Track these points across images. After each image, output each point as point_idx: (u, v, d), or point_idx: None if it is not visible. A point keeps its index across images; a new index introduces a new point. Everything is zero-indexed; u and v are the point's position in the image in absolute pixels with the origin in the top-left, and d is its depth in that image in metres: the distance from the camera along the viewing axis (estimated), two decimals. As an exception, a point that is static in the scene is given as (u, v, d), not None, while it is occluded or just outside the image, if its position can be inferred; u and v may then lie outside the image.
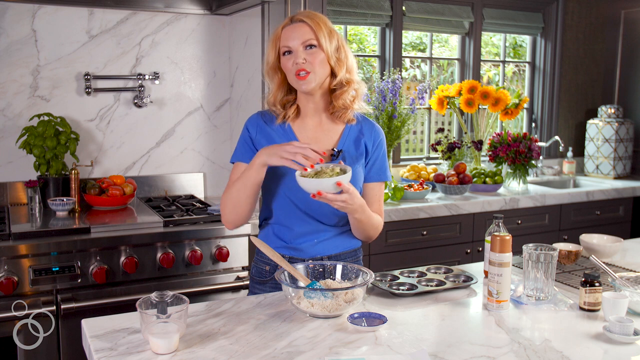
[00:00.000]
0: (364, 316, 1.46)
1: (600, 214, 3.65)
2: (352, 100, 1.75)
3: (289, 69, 1.68)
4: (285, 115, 1.75)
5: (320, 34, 1.66)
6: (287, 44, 1.67)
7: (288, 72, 1.69)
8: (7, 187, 2.78)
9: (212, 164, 3.23)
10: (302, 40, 1.65)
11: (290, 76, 1.69)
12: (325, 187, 1.51)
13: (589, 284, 1.56)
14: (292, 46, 1.66)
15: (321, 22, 1.68)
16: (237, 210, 1.70)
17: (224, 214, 1.73)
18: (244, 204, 1.68)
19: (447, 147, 3.56)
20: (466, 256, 3.17)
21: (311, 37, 1.66)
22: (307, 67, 1.65)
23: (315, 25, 1.66)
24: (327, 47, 1.67)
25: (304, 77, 1.66)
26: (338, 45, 1.70)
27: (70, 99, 2.89)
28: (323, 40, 1.66)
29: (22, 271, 2.20)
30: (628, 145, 4.07)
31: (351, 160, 1.74)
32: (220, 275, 2.53)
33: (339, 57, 1.70)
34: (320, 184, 1.50)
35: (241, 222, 1.75)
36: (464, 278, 1.79)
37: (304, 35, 1.66)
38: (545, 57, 4.28)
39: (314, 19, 1.68)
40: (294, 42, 1.66)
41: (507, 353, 1.31)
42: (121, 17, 2.93)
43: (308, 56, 1.65)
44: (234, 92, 3.18)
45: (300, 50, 1.65)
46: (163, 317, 1.29)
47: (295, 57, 1.66)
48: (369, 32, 3.75)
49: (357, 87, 1.76)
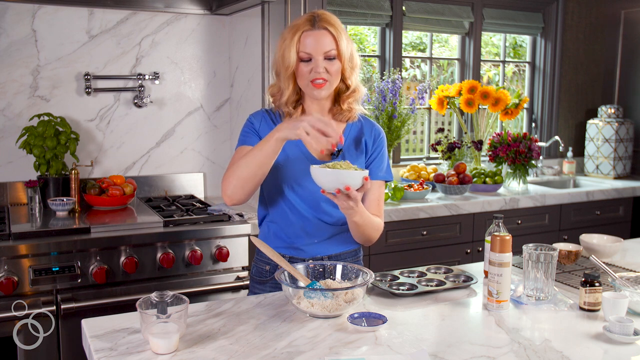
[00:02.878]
0: (364, 316, 1.46)
1: (600, 214, 3.65)
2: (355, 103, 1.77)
3: (304, 74, 1.66)
4: (291, 115, 1.74)
5: (341, 44, 1.65)
6: (308, 51, 1.64)
7: (302, 77, 1.67)
8: (7, 187, 2.78)
9: (212, 164, 3.23)
10: (324, 51, 1.64)
11: (304, 82, 1.67)
12: (352, 180, 1.46)
13: (589, 284, 1.56)
14: (313, 54, 1.64)
15: (341, 30, 1.66)
16: (241, 184, 1.61)
17: (227, 187, 1.64)
18: (250, 177, 1.60)
19: (447, 147, 3.56)
20: (466, 256, 3.17)
21: (333, 48, 1.64)
22: (324, 76, 1.65)
23: (338, 34, 1.65)
24: (345, 57, 1.66)
25: (320, 85, 1.66)
26: (352, 53, 1.70)
27: (70, 99, 2.89)
28: (343, 50, 1.65)
29: (22, 271, 2.20)
30: (628, 145, 4.07)
31: (351, 158, 1.74)
32: (220, 275, 2.53)
33: (352, 65, 1.70)
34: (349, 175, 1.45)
35: (241, 199, 1.65)
36: (464, 278, 1.79)
37: (327, 45, 1.64)
38: (545, 57, 4.28)
39: (336, 26, 1.66)
40: (316, 51, 1.63)
41: (507, 353, 1.31)
42: (121, 17, 2.93)
43: (327, 65, 1.65)
44: (234, 92, 3.18)
45: (320, 59, 1.64)
46: (163, 317, 1.29)
47: (315, 66, 1.64)
48: (369, 32, 3.75)
49: (360, 90, 1.77)
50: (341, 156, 1.73)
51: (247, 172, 1.60)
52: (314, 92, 1.67)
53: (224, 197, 1.66)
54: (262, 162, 1.58)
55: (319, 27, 1.64)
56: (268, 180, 1.72)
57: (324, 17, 1.66)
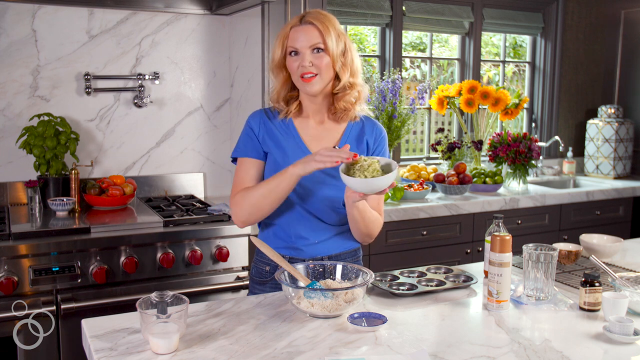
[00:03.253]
0: (364, 316, 1.46)
1: (600, 214, 3.65)
2: (353, 103, 1.75)
3: (294, 69, 1.68)
4: (287, 111, 1.75)
5: (328, 38, 1.65)
6: (294, 44, 1.67)
7: (293, 73, 1.70)
8: (7, 187, 2.78)
9: (212, 164, 3.23)
10: (309, 44, 1.65)
11: (295, 77, 1.69)
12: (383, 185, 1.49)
13: (589, 284, 1.56)
14: (298, 48, 1.66)
15: (330, 25, 1.67)
16: (256, 213, 1.69)
17: (239, 214, 1.71)
18: (266, 209, 1.68)
19: (447, 147, 3.56)
20: (466, 256, 3.17)
21: (319, 41, 1.65)
22: (313, 70, 1.65)
23: (324, 28, 1.65)
24: (333, 51, 1.66)
25: (309, 80, 1.66)
26: (345, 49, 1.70)
27: (70, 99, 2.89)
28: (330, 44, 1.66)
29: (22, 271, 2.20)
30: (628, 145, 4.07)
31: None
32: (220, 275, 2.53)
33: (344, 61, 1.70)
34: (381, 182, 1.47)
35: (254, 223, 1.76)
36: (464, 278, 1.79)
37: (312, 38, 1.65)
38: (545, 57, 4.28)
39: (324, 21, 1.67)
40: (301, 44, 1.65)
41: (507, 353, 1.31)
42: (121, 17, 2.93)
43: (314, 59, 1.65)
44: (234, 92, 3.18)
45: (307, 52, 1.65)
46: (163, 317, 1.29)
47: (301, 59, 1.66)
48: (369, 32, 3.75)
49: (360, 90, 1.76)
50: None
51: (261, 204, 1.67)
52: (305, 87, 1.68)
53: (236, 221, 1.73)
54: (281, 197, 1.65)
55: (305, 22, 1.67)
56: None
57: (313, 14, 1.69)
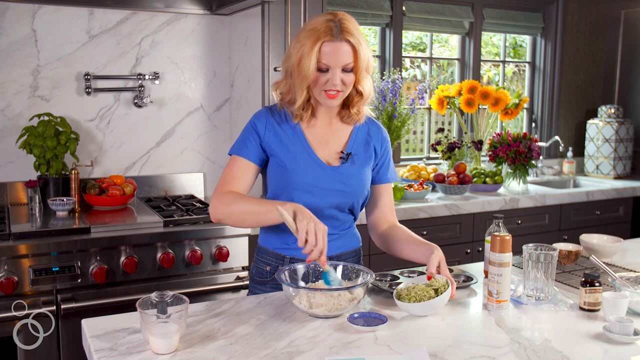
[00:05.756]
0: (364, 316, 1.46)
1: (600, 214, 3.65)
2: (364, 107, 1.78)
3: (319, 84, 1.64)
4: (302, 116, 1.73)
5: (360, 57, 1.62)
6: (328, 63, 1.61)
7: (316, 86, 1.65)
8: (7, 187, 2.78)
9: (212, 164, 3.23)
10: (343, 64, 1.61)
11: (317, 90, 1.65)
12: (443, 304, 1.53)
13: (589, 284, 1.56)
14: (332, 66, 1.61)
15: (361, 39, 1.64)
16: (235, 221, 1.68)
17: (217, 211, 1.67)
18: (245, 224, 1.68)
19: (447, 147, 3.56)
20: (466, 256, 3.17)
21: (351, 62, 1.62)
22: (339, 87, 1.64)
23: (358, 45, 1.61)
24: (362, 69, 1.65)
25: (334, 96, 1.65)
26: (368, 60, 1.67)
27: (70, 99, 2.89)
28: (361, 64, 1.63)
29: (22, 271, 2.20)
30: (628, 145, 4.07)
31: (360, 163, 1.75)
32: (220, 275, 2.53)
33: (367, 72, 1.69)
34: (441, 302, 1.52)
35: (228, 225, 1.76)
36: (464, 278, 1.79)
37: (346, 58, 1.61)
38: (545, 57, 4.28)
39: (357, 37, 1.62)
40: (335, 63, 1.61)
41: (507, 353, 1.31)
42: (121, 17, 2.93)
43: (344, 77, 1.63)
44: (234, 92, 3.18)
45: (338, 71, 1.62)
46: (163, 317, 1.29)
47: (332, 77, 1.61)
48: (369, 32, 3.75)
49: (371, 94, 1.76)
50: (350, 159, 1.73)
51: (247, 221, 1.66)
52: (327, 102, 1.67)
53: (212, 214, 1.69)
54: (264, 223, 1.65)
55: (341, 39, 1.61)
56: (274, 184, 1.73)
57: (346, 27, 1.62)
